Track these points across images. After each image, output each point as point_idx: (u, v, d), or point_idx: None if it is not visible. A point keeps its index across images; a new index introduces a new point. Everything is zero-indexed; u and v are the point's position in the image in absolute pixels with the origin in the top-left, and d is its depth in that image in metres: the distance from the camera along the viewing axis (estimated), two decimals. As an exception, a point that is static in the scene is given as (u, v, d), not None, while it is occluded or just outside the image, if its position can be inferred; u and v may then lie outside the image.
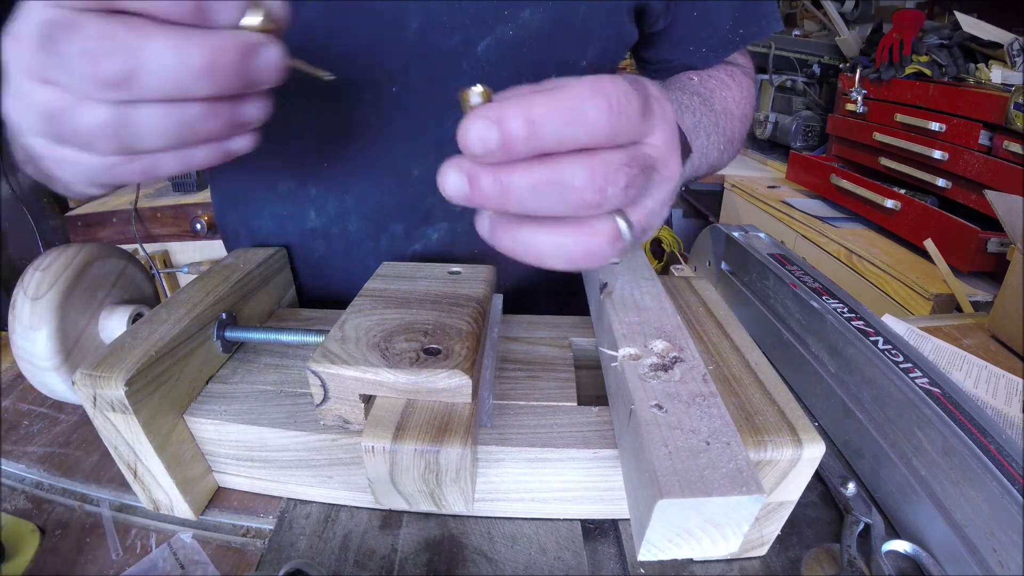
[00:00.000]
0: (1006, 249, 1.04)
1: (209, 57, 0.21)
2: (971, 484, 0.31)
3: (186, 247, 1.49)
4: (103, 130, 0.23)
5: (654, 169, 0.26)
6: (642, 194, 0.26)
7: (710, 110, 0.48)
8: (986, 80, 1.19)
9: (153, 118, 0.23)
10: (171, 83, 0.22)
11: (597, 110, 0.22)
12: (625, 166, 0.24)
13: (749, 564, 0.34)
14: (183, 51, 0.21)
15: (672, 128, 0.27)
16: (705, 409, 0.27)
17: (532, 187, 0.23)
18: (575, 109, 0.22)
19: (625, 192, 0.24)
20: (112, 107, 0.22)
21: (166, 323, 0.35)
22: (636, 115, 0.24)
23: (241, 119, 0.25)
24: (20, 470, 0.40)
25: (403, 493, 0.30)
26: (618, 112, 0.23)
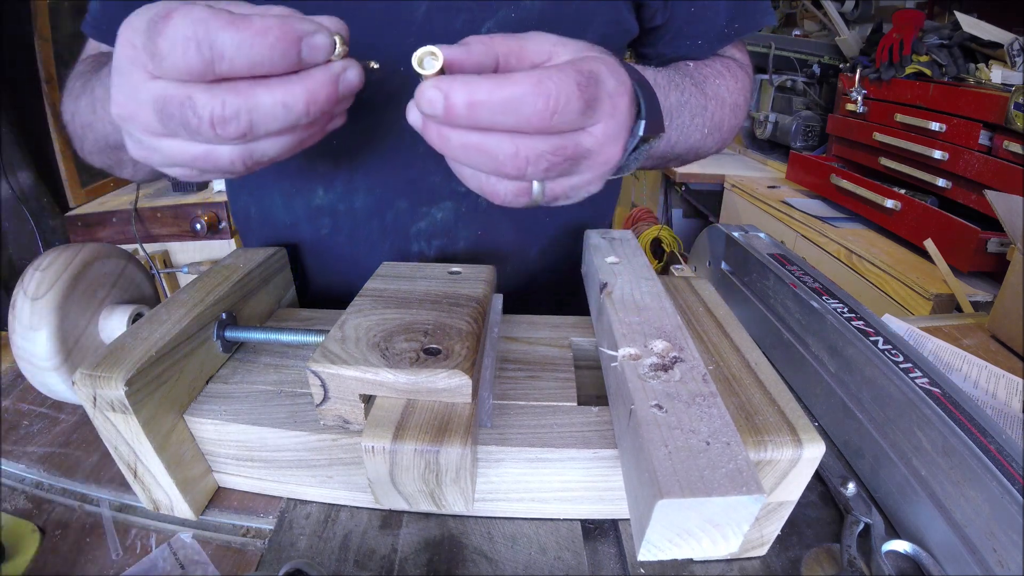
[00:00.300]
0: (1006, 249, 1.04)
1: (308, 99, 0.26)
2: (971, 484, 0.31)
3: (186, 247, 1.49)
4: (236, 159, 0.29)
5: (584, 158, 0.30)
6: (566, 174, 0.30)
7: (701, 93, 0.49)
8: (986, 80, 1.19)
9: (272, 144, 0.29)
10: (282, 124, 0.27)
11: (532, 107, 0.26)
12: (550, 154, 0.28)
13: (749, 564, 0.34)
14: (286, 102, 0.26)
15: (620, 123, 0.30)
16: (705, 409, 0.27)
17: (464, 147, 0.28)
18: (513, 101, 0.26)
19: (545, 173, 0.29)
20: (239, 146, 0.28)
21: (166, 323, 0.35)
22: (574, 114, 0.27)
23: (335, 113, 0.31)
24: (20, 470, 0.40)
25: (403, 493, 0.30)
26: (553, 111, 0.26)
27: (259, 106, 0.26)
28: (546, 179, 0.30)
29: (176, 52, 0.24)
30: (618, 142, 0.31)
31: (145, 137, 0.28)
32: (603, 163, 0.31)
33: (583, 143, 0.29)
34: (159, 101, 0.26)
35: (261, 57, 0.25)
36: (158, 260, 1.45)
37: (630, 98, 0.31)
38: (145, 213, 1.44)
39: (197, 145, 0.28)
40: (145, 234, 1.44)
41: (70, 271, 0.39)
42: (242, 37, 0.24)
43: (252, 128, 0.26)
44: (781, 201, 1.56)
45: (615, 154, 0.31)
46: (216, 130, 0.26)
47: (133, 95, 0.27)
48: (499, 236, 0.54)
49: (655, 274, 0.41)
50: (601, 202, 0.61)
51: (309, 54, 0.26)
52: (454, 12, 0.44)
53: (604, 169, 0.31)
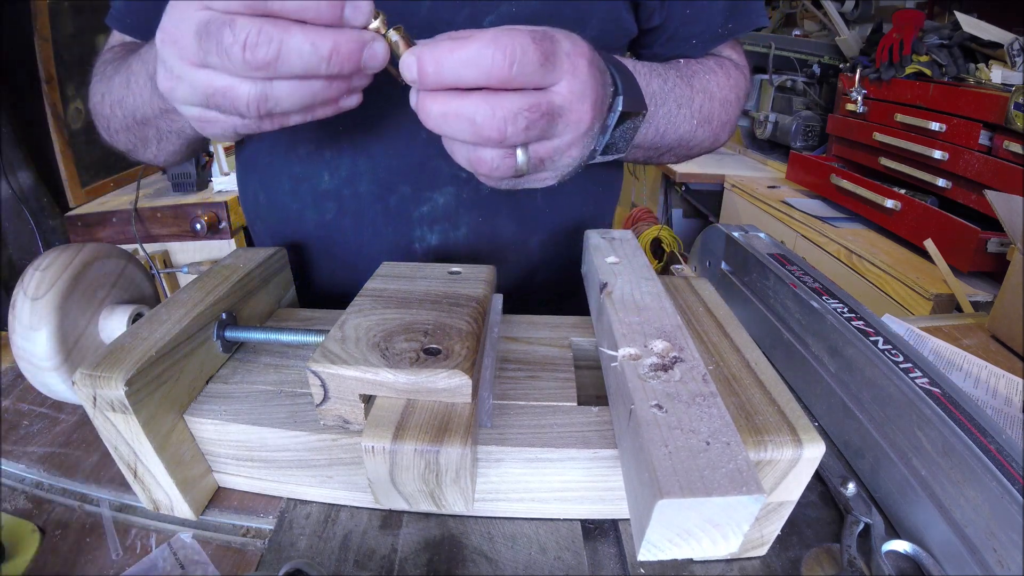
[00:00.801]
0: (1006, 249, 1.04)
1: (333, 47, 0.29)
2: (971, 484, 0.31)
3: (186, 247, 1.49)
4: (252, 101, 0.30)
5: (559, 115, 0.32)
6: (546, 134, 0.33)
7: (687, 85, 0.50)
8: (986, 80, 1.19)
9: (289, 90, 0.30)
10: (304, 65, 0.29)
11: (491, 58, 0.29)
12: (526, 111, 0.30)
13: (749, 564, 0.34)
14: (315, 42, 0.28)
15: (584, 82, 0.32)
16: (705, 409, 0.27)
17: (444, 116, 0.31)
18: (473, 55, 0.29)
19: (525, 132, 0.31)
20: (259, 83, 0.30)
21: (166, 323, 0.35)
22: (533, 65, 0.29)
23: (351, 87, 0.33)
24: (20, 470, 0.40)
25: (403, 493, 0.30)
26: (512, 61, 0.29)
27: (289, 39, 0.28)
28: (527, 141, 0.32)
29: (243, 12, 0.28)
30: (586, 100, 0.33)
31: (178, 64, 0.31)
32: (577, 122, 0.33)
33: (553, 100, 0.31)
34: (204, 22, 0.28)
35: (311, 4, 0.28)
36: (158, 260, 1.45)
37: (588, 60, 0.33)
38: (145, 213, 1.44)
39: (222, 77, 0.30)
40: (145, 234, 1.44)
41: (70, 271, 0.39)
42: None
43: (278, 58, 0.28)
44: (781, 201, 1.56)
45: (587, 113, 0.33)
46: (246, 53, 0.28)
47: (181, 19, 0.29)
48: (499, 224, 0.55)
49: (655, 274, 0.41)
50: (601, 199, 0.61)
51: (351, 14, 0.29)
52: (456, 8, 0.45)
53: (580, 129, 0.34)
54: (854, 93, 1.46)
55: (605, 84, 0.35)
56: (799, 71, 1.82)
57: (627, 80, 0.39)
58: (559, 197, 0.56)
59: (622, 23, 0.51)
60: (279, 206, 0.56)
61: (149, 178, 1.63)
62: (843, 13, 1.67)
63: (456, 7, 0.45)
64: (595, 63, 0.34)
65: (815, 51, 1.77)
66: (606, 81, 0.36)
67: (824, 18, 1.75)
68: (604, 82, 0.35)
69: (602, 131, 0.38)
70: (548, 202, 0.56)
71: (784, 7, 2.17)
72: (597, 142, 0.38)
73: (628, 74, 0.40)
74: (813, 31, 1.96)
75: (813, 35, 1.92)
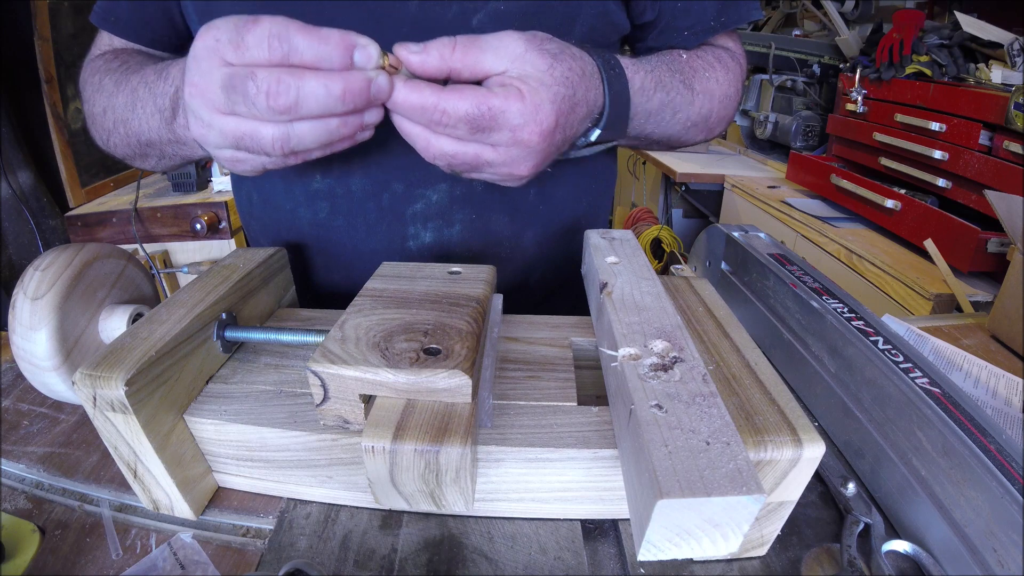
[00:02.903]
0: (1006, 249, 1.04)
1: (344, 87, 0.32)
2: (971, 484, 0.31)
3: (186, 247, 1.49)
4: (277, 141, 0.34)
5: (488, 166, 0.38)
6: (471, 172, 0.39)
7: (688, 90, 0.50)
8: (986, 80, 1.19)
9: (309, 129, 0.34)
10: (321, 105, 0.32)
11: (429, 116, 0.35)
12: (450, 156, 0.37)
13: (749, 564, 0.34)
14: (328, 85, 0.32)
15: (523, 152, 0.38)
16: (705, 409, 0.27)
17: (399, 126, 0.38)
18: (418, 108, 0.35)
19: (449, 167, 0.39)
20: (282, 126, 0.33)
21: (166, 323, 0.35)
22: (461, 131, 0.36)
23: (365, 123, 0.36)
24: (20, 470, 0.40)
25: (403, 493, 0.30)
26: (442, 124, 0.35)
27: (305, 85, 0.31)
28: (453, 171, 0.39)
29: (262, 45, 0.31)
30: (522, 164, 0.38)
31: (207, 113, 0.34)
32: (508, 175, 0.39)
33: (483, 155, 0.37)
34: (228, 76, 0.32)
35: (324, 53, 0.32)
36: (158, 260, 1.45)
37: (542, 132, 0.37)
38: (145, 213, 1.44)
39: (248, 123, 0.33)
40: (145, 234, 1.44)
41: (70, 271, 0.39)
42: (311, 38, 0.32)
43: (297, 103, 0.32)
44: (781, 201, 1.56)
45: (523, 171, 0.39)
46: (269, 100, 0.31)
47: (208, 75, 0.33)
48: (493, 220, 0.55)
49: (655, 274, 0.41)
50: (594, 191, 0.62)
51: (361, 59, 0.33)
52: (444, 7, 0.45)
53: (512, 178, 0.40)
54: (854, 93, 1.46)
55: (567, 135, 0.40)
56: (799, 71, 1.82)
57: (616, 109, 0.43)
58: (552, 192, 0.56)
59: (612, 20, 0.51)
60: (272, 205, 0.56)
61: (149, 178, 1.63)
62: (843, 13, 1.67)
63: (444, 6, 0.45)
64: (558, 128, 0.38)
65: (815, 51, 1.77)
66: (575, 128, 0.40)
67: (824, 18, 1.75)
68: (566, 135, 0.40)
69: (569, 147, 0.43)
70: (541, 197, 0.56)
71: (784, 7, 2.17)
72: (561, 153, 0.42)
73: (621, 101, 0.43)
74: (813, 31, 1.96)
75: (813, 35, 1.92)
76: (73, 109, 1.43)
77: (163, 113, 0.43)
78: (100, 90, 0.49)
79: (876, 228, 1.36)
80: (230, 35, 0.32)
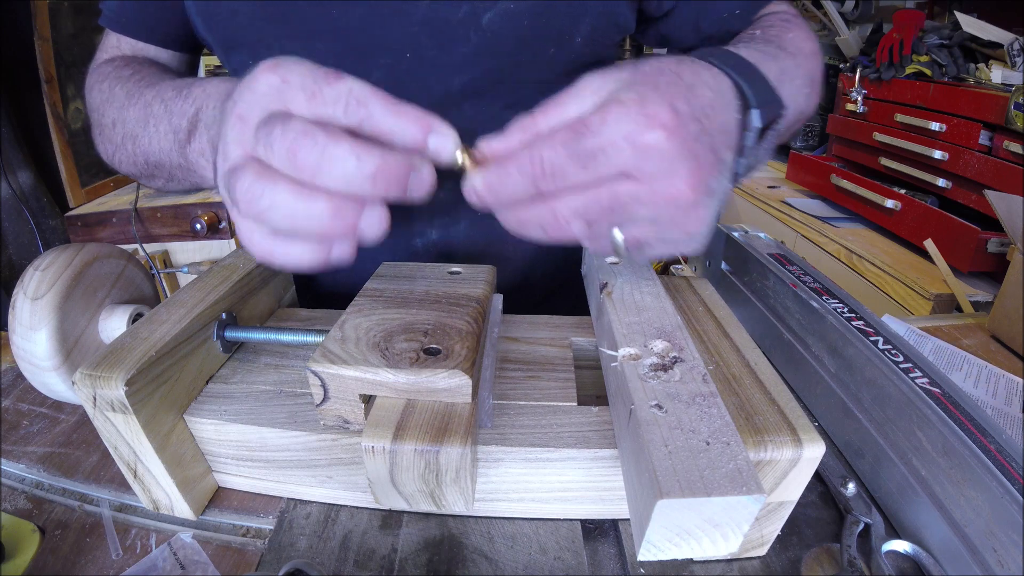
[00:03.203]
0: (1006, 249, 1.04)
1: (378, 166, 0.26)
2: (971, 484, 0.31)
3: (186, 247, 1.49)
4: (285, 203, 0.27)
5: (633, 203, 0.28)
6: (627, 219, 0.29)
7: (788, 55, 0.43)
8: (986, 80, 1.19)
9: (315, 207, 0.27)
10: (343, 180, 0.26)
11: (531, 174, 0.28)
12: (581, 211, 0.28)
13: (749, 564, 0.34)
14: (361, 158, 0.26)
15: (663, 156, 0.27)
16: (705, 409, 0.27)
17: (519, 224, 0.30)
18: (515, 177, 0.29)
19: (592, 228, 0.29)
20: (293, 187, 0.27)
21: (166, 323, 0.35)
22: (569, 170, 0.27)
23: (363, 234, 0.29)
24: (20, 470, 0.40)
25: (403, 493, 0.30)
26: (543, 173, 0.28)
27: (335, 147, 0.26)
28: (603, 231, 0.29)
29: (339, 103, 0.28)
30: (674, 175, 0.27)
31: (233, 148, 0.30)
32: (667, 198, 0.28)
33: (618, 188, 0.28)
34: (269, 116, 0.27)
35: (399, 128, 0.28)
36: (158, 260, 1.45)
37: (665, 124, 0.27)
38: (145, 213, 1.43)
39: None
40: (145, 234, 1.44)
41: (70, 271, 0.39)
42: (391, 109, 0.28)
43: (320, 165, 0.26)
44: (781, 201, 1.56)
45: (682, 184, 0.27)
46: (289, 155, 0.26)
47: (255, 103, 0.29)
48: (497, 251, 0.55)
49: (655, 274, 0.41)
50: None
51: (435, 143, 0.29)
52: (455, 7, 0.45)
53: (678, 204, 0.28)
54: (854, 93, 1.46)
55: (707, 125, 0.29)
56: (799, 71, 1.82)
57: (756, 83, 0.33)
58: None
59: (617, 19, 0.51)
60: None
61: (149, 178, 1.63)
62: (843, 13, 1.67)
63: (454, 5, 0.45)
64: (684, 115, 0.28)
65: (815, 51, 1.77)
66: (714, 114, 0.30)
67: (824, 18, 1.75)
68: (705, 125, 0.29)
69: (739, 153, 0.32)
70: None
71: (784, 7, 2.16)
72: (736, 167, 0.32)
73: (756, 74, 0.34)
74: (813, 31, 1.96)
75: (813, 35, 1.92)
76: (73, 109, 1.43)
77: (177, 135, 0.39)
78: (110, 100, 0.46)
79: (876, 228, 1.36)
80: (305, 82, 0.28)
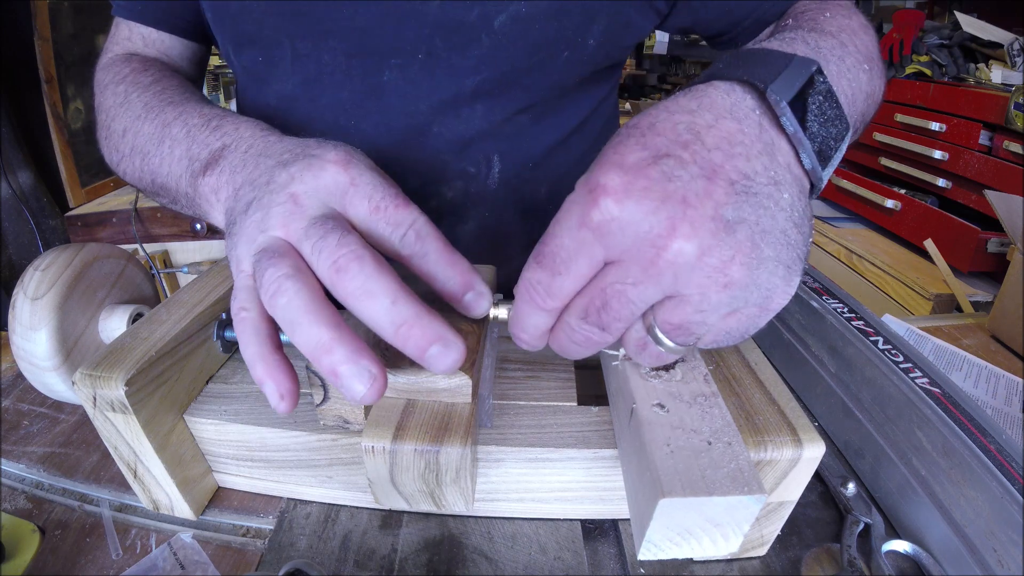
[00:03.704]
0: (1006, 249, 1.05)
1: (406, 321, 0.24)
2: (971, 484, 0.31)
3: (186, 247, 1.49)
4: (300, 315, 0.24)
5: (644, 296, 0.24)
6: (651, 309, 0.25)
7: (827, 35, 0.36)
8: (986, 80, 1.19)
9: (329, 335, 0.24)
10: (371, 317, 0.24)
11: (541, 301, 0.26)
12: (582, 319, 0.25)
13: (749, 564, 0.34)
14: (396, 304, 0.24)
15: (700, 240, 0.22)
16: (707, 409, 0.27)
17: (561, 349, 0.28)
18: (525, 311, 0.27)
19: (617, 327, 0.25)
20: (315, 305, 0.24)
21: (166, 323, 0.35)
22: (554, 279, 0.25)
23: None
24: (20, 470, 0.40)
25: (403, 493, 0.30)
26: (547, 294, 0.26)
27: (378, 280, 0.24)
28: (609, 328, 0.25)
29: (400, 229, 0.27)
30: (654, 236, 0.22)
31: (235, 251, 0.29)
32: (669, 265, 0.22)
33: (606, 281, 0.24)
34: (260, 248, 0.26)
35: (444, 276, 0.28)
36: (158, 260, 1.45)
37: (648, 192, 0.22)
38: (145, 213, 1.43)
39: None
40: (145, 234, 1.44)
41: (70, 271, 0.39)
42: (444, 254, 0.28)
43: (355, 293, 0.24)
44: (781, 201, 1.56)
45: (676, 246, 0.22)
46: (331, 257, 0.24)
47: (246, 239, 0.28)
48: (506, 218, 0.55)
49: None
50: None
51: (471, 299, 0.29)
52: (467, 8, 0.45)
53: (685, 267, 0.22)
54: (854, 93, 1.45)
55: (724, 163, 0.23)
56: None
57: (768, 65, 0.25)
58: (562, 191, 0.55)
59: (631, 24, 0.50)
60: None
61: (149, 178, 1.63)
62: (843, 13, 1.66)
63: (466, 7, 0.45)
64: (647, 166, 0.22)
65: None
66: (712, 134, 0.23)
67: (824, 18, 1.75)
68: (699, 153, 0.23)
69: (807, 194, 0.26)
70: (550, 196, 0.56)
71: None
72: (809, 197, 0.26)
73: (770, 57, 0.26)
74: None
75: (813, 35, 1.92)
76: (73, 109, 1.43)
77: (192, 163, 0.36)
78: (125, 106, 0.44)
79: (876, 228, 1.36)
80: (374, 193, 0.27)
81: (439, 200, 0.53)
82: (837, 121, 0.26)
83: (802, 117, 0.25)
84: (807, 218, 0.24)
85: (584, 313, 0.25)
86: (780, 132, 0.25)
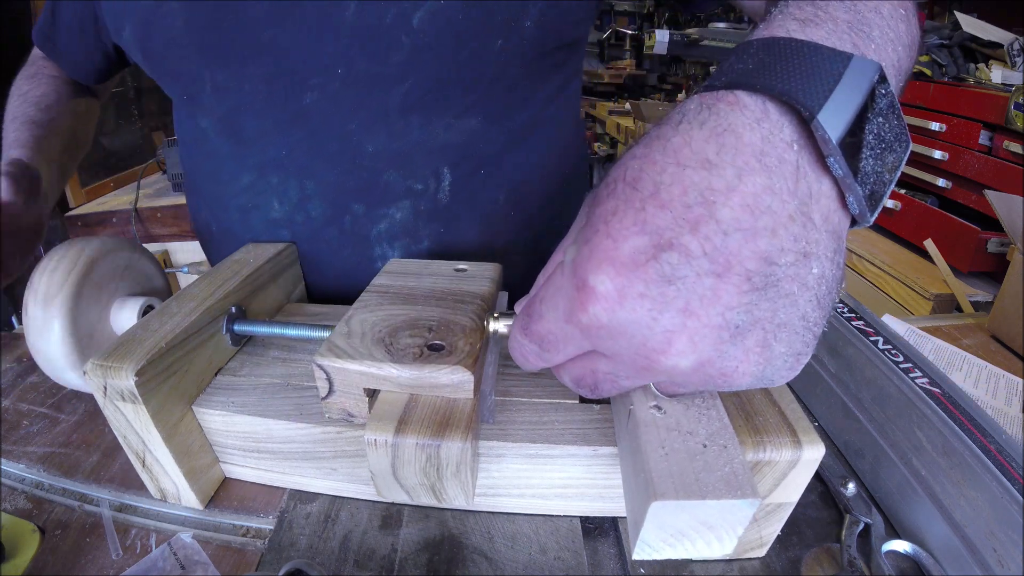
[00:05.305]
0: (1006, 249, 1.05)
1: None
2: (971, 484, 0.31)
3: (186, 247, 1.49)
4: None
5: (619, 375, 0.24)
6: (615, 388, 0.25)
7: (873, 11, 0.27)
8: (986, 80, 1.19)
9: None
10: None
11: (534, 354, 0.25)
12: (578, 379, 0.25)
13: (749, 564, 0.34)
14: None
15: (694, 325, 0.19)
16: (704, 411, 0.27)
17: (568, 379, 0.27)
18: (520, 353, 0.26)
19: (596, 392, 0.26)
20: None
21: (176, 316, 0.35)
22: (532, 356, 0.26)
23: None
24: (20, 470, 0.40)
25: (404, 486, 0.30)
26: (529, 355, 0.26)
27: None
28: (601, 392, 0.25)
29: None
30: (651, 341, 0.20)
31: None
32: (671, 369, 0.20)
33: (597, 370, 0.24)
34: None
35: None
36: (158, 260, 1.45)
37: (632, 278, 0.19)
38: (145, 213, 1.43)
39: None
40: (145, 234, 1.44)
41: (78, 271, 0.39)
42: None
43: None
44: (781, 202, 1.56)
45: (672, 352, 0.20)
46: None
47: None
48: (463, 232, 0.52)
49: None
50: (566, 189, 0.57)
51: None
52: (383, 8, 0.42)
53: (686, 371, 0.20)
54: (854, 94, 1.46)
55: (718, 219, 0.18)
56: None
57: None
58: (520, 196, 0.53)
59: (568, 10, 0.45)
60: (231, 235, 0.53)
61: (149, 178, 1.63)
62: (843, 14, 1.66)
63: (383, 7, 0.42)
64: (647, 258, 0.19)
65: (815, 52, 1.77)
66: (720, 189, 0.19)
67: (824, 19, 1.75)
68: (711, 221, 0.18)
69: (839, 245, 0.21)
70: (512, 205, 0.53)
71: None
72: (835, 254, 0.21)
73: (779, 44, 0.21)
74: None
75: (813, 36, 1.92)
76: (74, 108, 1.43)
77: None
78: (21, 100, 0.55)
79: (876, 228, 1.36)
80: None
81: (388, 223, 0.50)
82: (896, 145, 0.20)
83: (855, 152, 0.19)
84: (835, 286, 0.20)
85: (577, 383, 0.26)
86: (823, 172, 0.20)
